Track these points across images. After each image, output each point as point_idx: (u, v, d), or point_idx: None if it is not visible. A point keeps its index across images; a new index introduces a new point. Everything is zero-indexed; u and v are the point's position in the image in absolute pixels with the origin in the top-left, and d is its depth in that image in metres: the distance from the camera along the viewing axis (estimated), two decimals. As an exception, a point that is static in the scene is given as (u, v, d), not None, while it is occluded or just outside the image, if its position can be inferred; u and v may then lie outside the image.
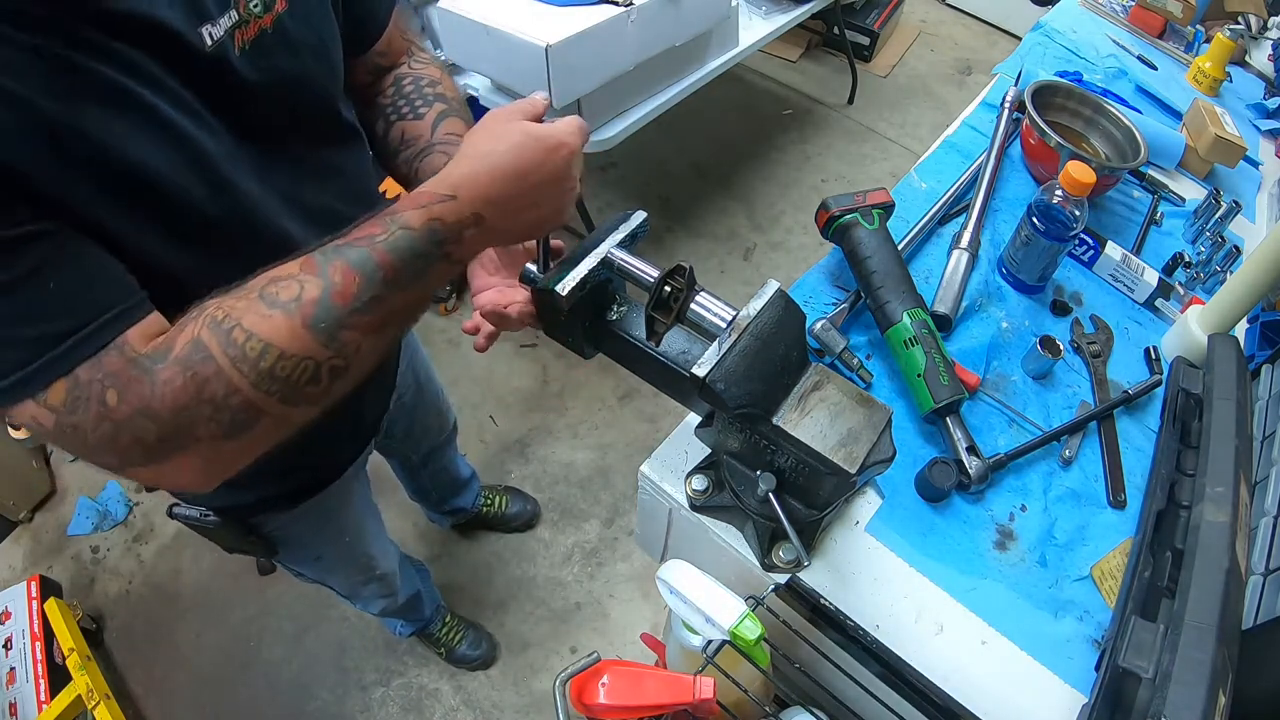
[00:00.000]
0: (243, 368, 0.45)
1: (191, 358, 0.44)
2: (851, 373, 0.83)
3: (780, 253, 2.43)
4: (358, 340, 0.48)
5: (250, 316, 0.45)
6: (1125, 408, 0.86)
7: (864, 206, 0.87)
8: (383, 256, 0.48)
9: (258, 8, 0.54)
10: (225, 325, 0.45)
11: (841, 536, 0.72)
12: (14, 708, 1.43)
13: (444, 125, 0.72)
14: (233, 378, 0.44)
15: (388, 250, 0.48)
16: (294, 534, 0.90)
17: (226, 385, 0.44)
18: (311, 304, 0.46)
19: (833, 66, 3.15)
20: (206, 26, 0.50)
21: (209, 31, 0.50)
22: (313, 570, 1.04)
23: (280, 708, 1.53)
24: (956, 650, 0.67)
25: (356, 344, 0.48)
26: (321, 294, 0.46)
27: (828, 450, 0.56)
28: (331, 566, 1.05)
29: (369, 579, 1.13)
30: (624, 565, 1.73)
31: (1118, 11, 1.65)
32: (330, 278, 0.47)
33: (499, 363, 2.08)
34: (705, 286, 0.61)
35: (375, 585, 1.16)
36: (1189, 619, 0.57)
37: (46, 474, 1.84)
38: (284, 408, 0.47)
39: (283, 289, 0.46)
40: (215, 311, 0.46)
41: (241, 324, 0.45)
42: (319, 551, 0.99)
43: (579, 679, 0.64)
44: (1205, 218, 1.12)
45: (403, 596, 1.28)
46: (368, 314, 0.48)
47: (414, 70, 0.76)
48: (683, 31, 1.57)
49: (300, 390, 0.47)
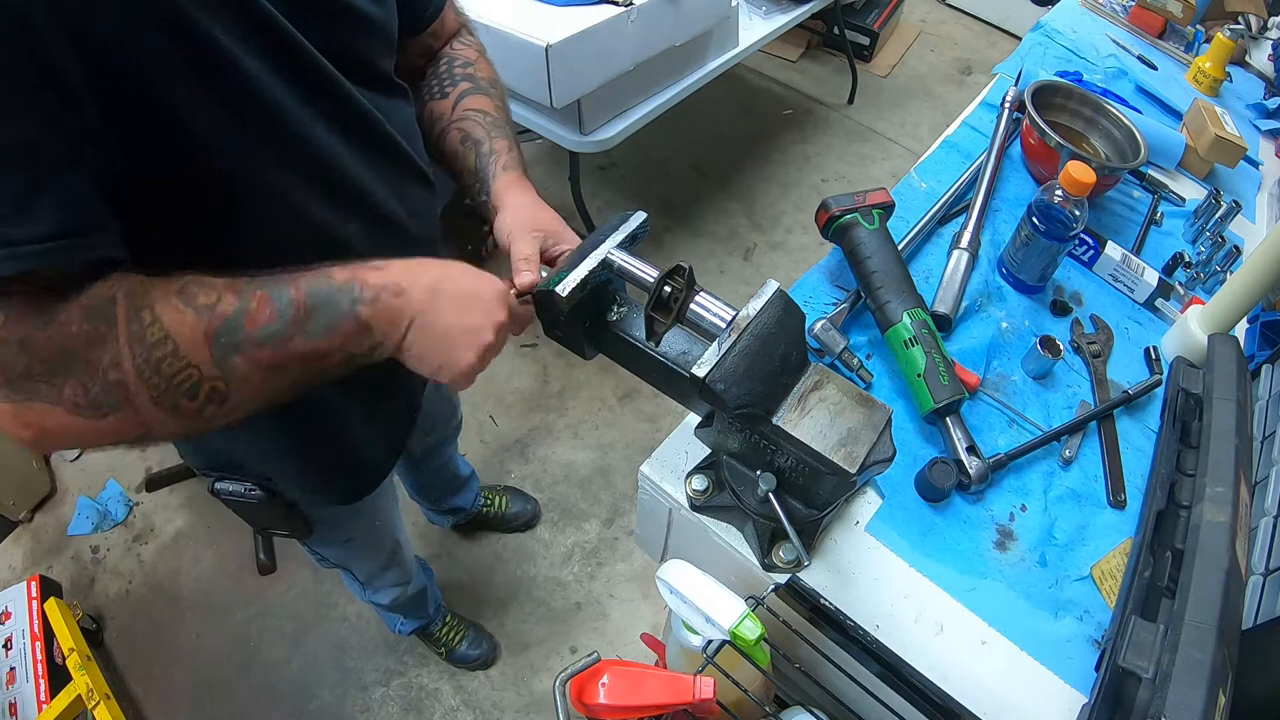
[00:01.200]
0: (136, 347, 0.44)
1: (96, 312, 0.43)
2: (851, 373, 0.83)
3: (780, 253, 2.43)
4: (247, 371, 0.48)
5: (164, 304, 0.45)
6: (1125, 408, 0.86)
7: (864, 206, 0.87)
8: (299, 295, 0.49)
9: None
10: (139, 301, 0.44)
11: (841, 536, 0.72)
12: (14, 708, 1.43)
13: (464, 102, 0.72)
14: (123, 351, 0.43)
15: (306, 292, 0.50)
16: (331, 515, 0.91)
17: (113, 355, 0.43)
18: (221, 317, 0.46)
19: (833, 66, 3.15)
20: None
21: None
22: (337, 554, 1.04)
23: (280, 708, 1.53)
24: (956, 650, 0.67)
25: (245, 374, 0.48)
26: (234, 311, 0.47)
27: (828, 450, 0.56)
28: (358, 550, 1.06)
29: (390, 564, 1.14)
30: (624, 565, 1.73)
31: (1118, 11, 1.65)
32: (248, 300, 0.48)
33: (499, 363, 2.08)
34: (705, 287, 0.61)
35: (394, 572, 1.17)
36: (1189, 619, 0.57)
37: (46, 474, 1.84)
38: (152, 408, 0.46)
39: (203, 293, 0.46)
40: (137, 285, 0.45)
41: (153, 307, 0.44)
42: (350, 534, 1.00)
43: (579, 679, 0.64)
44: (1205, 218, 1.12)
45: (414, 588, 1.28)
46: (268, 346, 0.48)
47: (453, 50, 0.77)
48: (683, 31, 1.57)
49: (174, 397, 0.46)
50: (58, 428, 0.44)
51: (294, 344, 0.49)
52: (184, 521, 1.76)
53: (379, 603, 1.27)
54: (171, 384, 0.45)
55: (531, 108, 1.57)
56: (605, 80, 1.46)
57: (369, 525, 1.01)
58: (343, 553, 1.05)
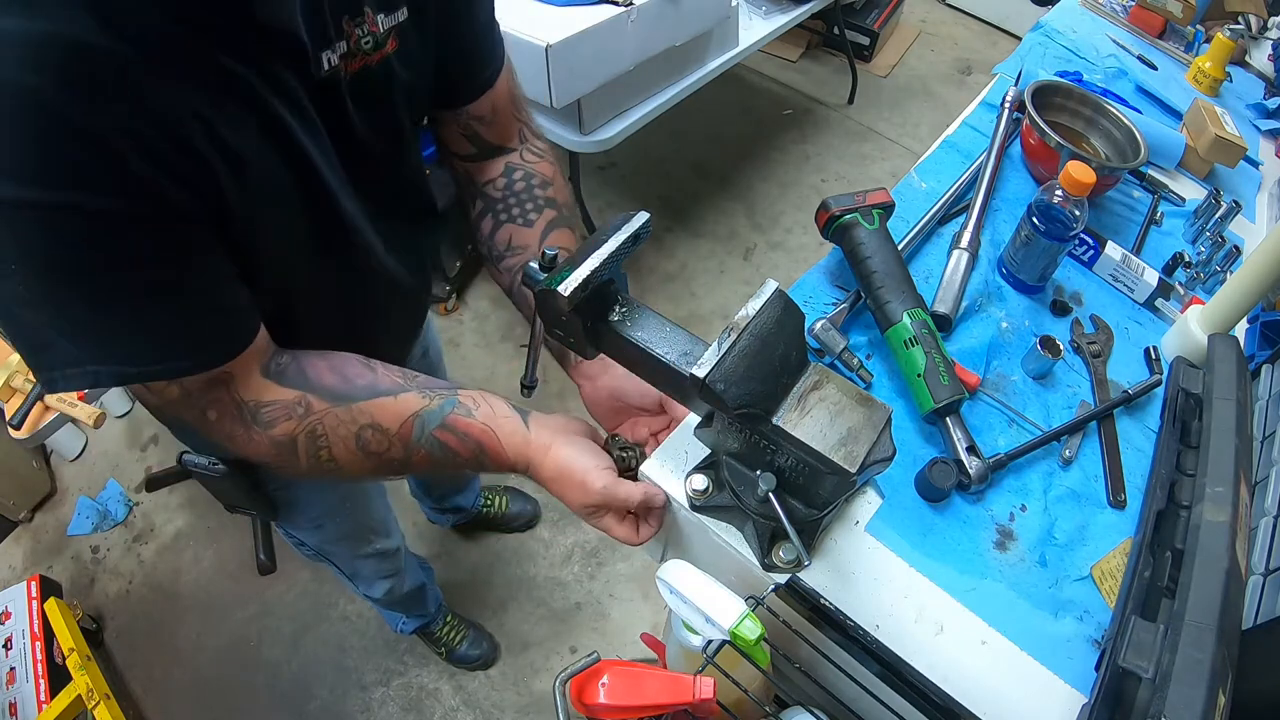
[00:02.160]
0: (313, 466, 0.57)
1: (282, 447, 0.56)
2: (851, 373, 0.83)
3: (780, 253, 2.43)
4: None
5: (340, 447, 0.57)
6: (1125, 408, 0.86)
7: (864, 206, 0.87)
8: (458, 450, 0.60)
9: (369, 44, 0.58)
10: (318, 444, 0.57)
11: (841, 536, 0.72)
12: (14, 707, 1.43)
13: (551, 236, 0.75)
14: (302, 468, 0.58)
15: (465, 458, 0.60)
16: (296, 496, 0.91)
17: (295, 469, 0.58)
18: (387, 464, 0.58)
19: (833, 66, 3.15)
20: (326, 52, 0.55)
21: (328, 57, 0.55)
22: (314, 540, 1.04)
23: (280, 708, 1.53)
24: (956, 650, 0.67)
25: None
26: (398, 460, 0.58)
27: (828, 450, 0.56)
28: (333, 537, 1.06)
29: (370, 553, 1.13)
30: (624, 565, 1.73)
31: (1118, 11, 1.65)
32: (412, 455, 0.58)
33: (499, 363, 2.08)
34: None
35: (377, 562, 1.16)
36: (1189, 619, 0.57)
37: (46, 474, 1.84)
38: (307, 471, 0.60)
39: (374, 440, 0.57)
40: (317, 425, 0.56)
41: (332, 449, 0.56)
42: (319, 519, 1.00)
43: (579, 679, 0.64)
44: (1205, 218, 1.12)
45: (408, 582, 1.28)
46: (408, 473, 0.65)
47: (526, 163, 0.78)
48: (683, 31, 1.57)
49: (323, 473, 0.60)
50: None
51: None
52: (184, 521, 1.77)
53: (373, 597, 1.26)
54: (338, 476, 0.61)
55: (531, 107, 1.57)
56: (605, 80, 1.47)
57: (337, 505, 1.00)
58: (318, 538, 1.05)
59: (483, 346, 2.11)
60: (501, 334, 2.13)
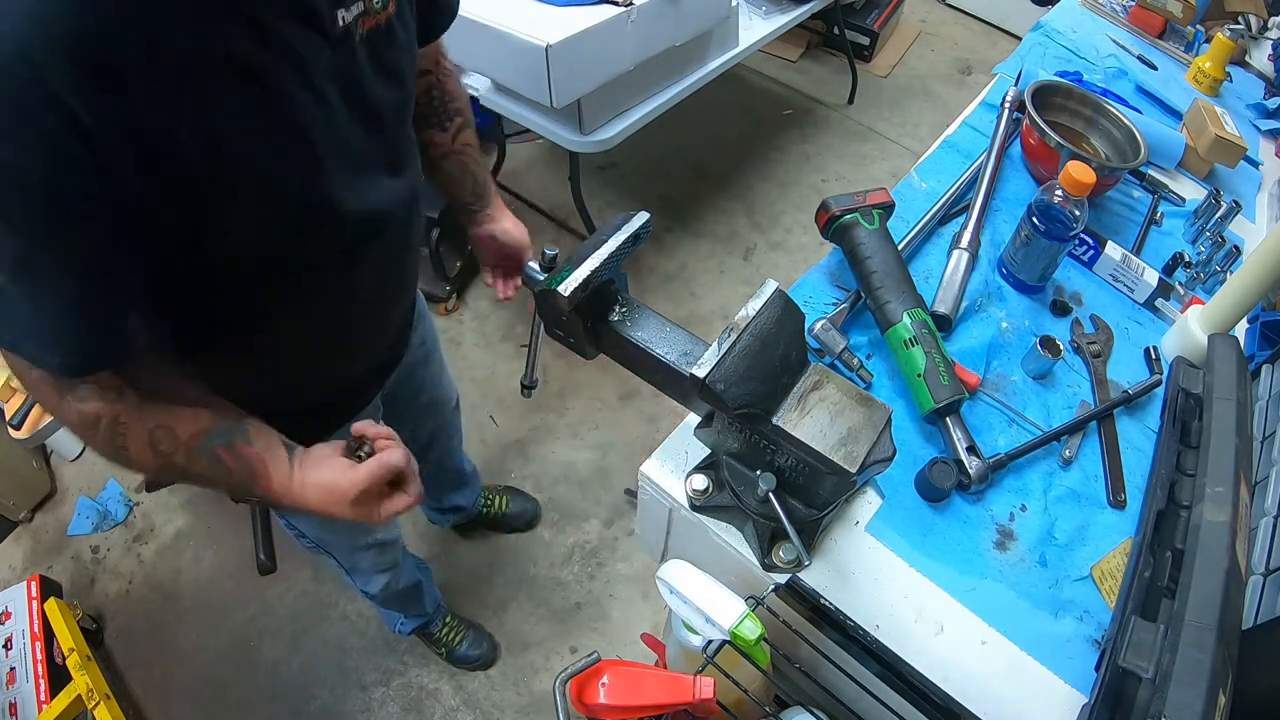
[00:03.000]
0: (107, 448, 0.60)
1: (87, 423, 0.58)
2: (851, 373, 0.83)
3: (780, 253, 2.43)
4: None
5: (135, 441, 0.59)
6: (1125, 408, 0.86)
7: (864, 206, 0.87)
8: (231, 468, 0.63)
9: (379, 2, 0.60)
10: (118, 431, 0.59)
11: (841, 536, 0.72)
12: (14, 708, 1.43)
13: (461, 136, 0.91)
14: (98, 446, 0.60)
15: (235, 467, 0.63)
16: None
17: (92, 445, 0.60)
18: (170, 466, 0.61)
19: (833, 66, 3.15)
20: (340, 10, 0.56)
21: (342, 15, 0.56)
22: (314, 530, 1.05)
23: (280, 708, 1.53)
24: (956, 650, 0.67)
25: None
26: (180, 465, 0.61)
27: (828, 450, 0.56)
28: (333, 526, 1.06)
29: (369, 544, 1.13)
30: (624, 565, 1.73)
31: (1118, 11, 1.65)
32: (193, 464, 0.61)
33: (499, 363, 2.08)
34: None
35: (376, 554, 1.16)
36: (1189, 619, 0.57)
37: (46, 474, 1.84)
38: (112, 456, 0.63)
39: (165, 441, 0.60)
40: (122, 415, 0.59)
41: (128, 439, 0.59)
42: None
43: (579, 679, 0.64)
44: (1205, 218, 1.12)
45: (404, 578, 1.27)
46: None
47: (440, 81, 0.89)
48: (683, 31, 1.57)
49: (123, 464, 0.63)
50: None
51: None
52: (184, 521, 1.77)
53: (370, 592, 1.26)
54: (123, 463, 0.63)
55: (531, 108, 1.57)
56: (605, 80, 1.46)
57: None
58: (316, 530, 1.05)
59: (483, 346, 2.11)
60: (501, 334, 2.13)
